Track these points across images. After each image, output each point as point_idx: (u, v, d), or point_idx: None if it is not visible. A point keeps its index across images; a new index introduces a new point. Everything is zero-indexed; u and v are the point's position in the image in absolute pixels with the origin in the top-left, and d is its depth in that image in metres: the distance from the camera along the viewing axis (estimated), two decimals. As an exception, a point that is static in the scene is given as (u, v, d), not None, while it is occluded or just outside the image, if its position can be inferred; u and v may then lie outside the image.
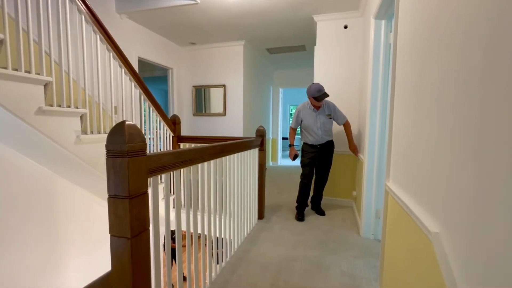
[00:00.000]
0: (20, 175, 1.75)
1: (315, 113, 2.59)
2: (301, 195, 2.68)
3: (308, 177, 2.65)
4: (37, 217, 1.84)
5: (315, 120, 2.58)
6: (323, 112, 2.59)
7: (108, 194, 0.83)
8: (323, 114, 2.59)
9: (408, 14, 1.16)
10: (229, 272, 1.70)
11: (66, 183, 2.02)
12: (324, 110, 2.60)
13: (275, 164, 6.32)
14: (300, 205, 2.68)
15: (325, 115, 2.59)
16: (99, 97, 1.95)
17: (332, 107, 2.64)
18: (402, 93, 1.21)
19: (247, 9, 2.97)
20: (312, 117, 2.59)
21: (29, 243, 1.80)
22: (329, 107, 2.62)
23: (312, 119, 2.59)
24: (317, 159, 2.65)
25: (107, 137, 0.81)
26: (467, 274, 0.61)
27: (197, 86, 4.40)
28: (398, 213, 1.17)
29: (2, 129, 1.55)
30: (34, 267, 1.83)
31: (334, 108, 2.64)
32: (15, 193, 1.72)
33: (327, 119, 2.58)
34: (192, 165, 1.28)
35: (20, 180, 1.75)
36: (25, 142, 1.65)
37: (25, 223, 1.78)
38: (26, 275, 1.79)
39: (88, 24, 1.84)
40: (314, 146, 2.62)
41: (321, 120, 2.57)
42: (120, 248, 0.83)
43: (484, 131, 0.56)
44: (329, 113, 2.60)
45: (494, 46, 0.53)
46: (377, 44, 2.08)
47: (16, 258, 1.74)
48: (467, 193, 0.62)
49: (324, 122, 2.58)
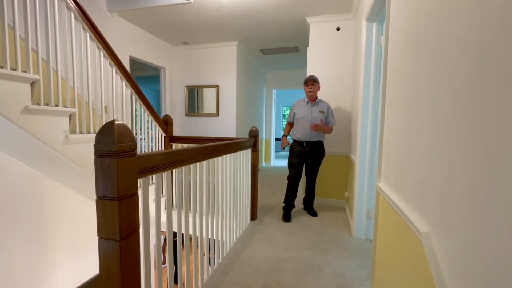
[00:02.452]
0: (6, 176, 1.69)
1: (309, 105, 2.62)
2: (287, 196, 2.68)
3: (294, 178, 2.65)
4: (24, 219, 1.78)
5: (307, 113, 2.60)
6: (317, 107, 2.61)
7: (96, 195, 0.81)
8: (316, 109, 2.60)
9: (399, 17, 1.18)
10: (221, 274, 1.69)
11: (54, 184, 1.96)
12: (319, 105, 2.62)
13: (268, 165, 6.32)
14: (287, 206, 2.68)
15: (319, 111, 2.60)
16: (88, 96, 1.91)
17: (327, 106, 2.65)
18: (393, 95, 1.22)
19: (241, 9, 2.97)
20: (305, 109, 2.62)
21: (16, 246, 1.74)
22: (324, 105, 2.64)
23: (305, 110, 2.62)
24: (306, 159, 2.65)
25: (95, 137, 0.79)
26: (456, 274, 0.62)
27: (190, 86, 4.36)
28: (389, 214, 1.18)
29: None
30: (21, 271, 1.77)
31: (328, 107, 2.65)
32: (1, 195, 1.67)
33: (319, 114, 2.59)
34: (184, 165, 1.27)
35: (6, 182, 1.69)
36: (11, 142, 1.60)
37: (12, 225, 1.72)
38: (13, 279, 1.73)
39: (77, 21, 1.80)
40: (302, 144, 2.61)
41: (313, 114, 2.58)
42: (108, 251, 0.81)
43: (472, 132, 0.56)
44: (323, 110, 2.61)
45: (484, 49, 0.54)
46: (369, 46, 2.10)
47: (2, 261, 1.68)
48: (456, 193, 0.63)
49: (316, 117, 2.58)
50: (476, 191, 0.55)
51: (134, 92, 2.34)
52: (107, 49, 2.01)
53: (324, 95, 3.01)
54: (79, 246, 2.14)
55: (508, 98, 0.46)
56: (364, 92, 2.13)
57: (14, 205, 1.73)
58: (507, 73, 0.46)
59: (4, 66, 1.38)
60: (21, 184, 1.77)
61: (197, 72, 4.32)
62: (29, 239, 1.82)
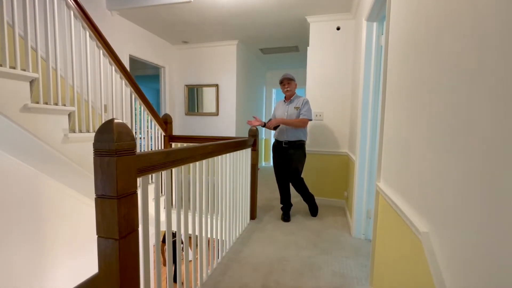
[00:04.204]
0: (5, 175, 1.69)
1: (286, 104, 2.61)
2: (281, 196, 2.72)
3: (280, 177, 2.67)
4: (23, 218, 1.78)
5: (283, 112, 2.59)
6: (292, 105, 2.56)
7: (95, 194, 0.81)
8: (291, 106, 2.55)
9: (399, 16, 1.18)
10: (220, 273, 1.69)
11: (53, 183, 1.96)
12: (294, 102, 2.56)
13: (267, 164, 6.32)
14: (284, 206, 2.69)
15: (294, 107, 2.53)
16: (88, 95, 1.90)
17: (303, 101, 2.52)
18: (393, 95, 1.22)
19: (241, 8, 2.96)
20: (282, 109, 2.61)
21: (15, 245, 1.74)
22: (299, 101, 2.54)
23: (281, 110, 2.61)
24: (287, 159, 2.57)
25: (94, 135, 0.79)
26: (455, 274, 0.62)
27: (189, 85, 4.36)
28: (388, 213, 1.18)
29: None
30: (20, 270, 1.77)
31: (304, 102, 2.51)
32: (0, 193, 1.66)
33: (294, 111, 2.52)
34: (183, 164, 1.27)
35: (6, 180, 1.69)
36: (10, 140, 1.59)
37: (11, 224, 1.72)
38: (12, 277, 1.73)
39: (77, 19, 1.79)
40: (280, 143, 2.60)
41: (288, 112, 2.55)
42: (107, 250, 0.81)
43: (472, 132, 0.56)
44: (298, 106, 2.51)
45: (486, 48, 0.54)
46: (369, 46, 2.10)
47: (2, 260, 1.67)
48: (456, 193, 0.63)
49: (291, 114, 2.53)
50: (476, 191, 0.55)
51: (133, 91, 2.34)
52: (107, 47, 2.01)
53: (324, 94, 3.01)
54: (79, 245, 2.14)
55: (509, 98, 0.45)
56: (364, 91, 2.13)
57: (13, 203, 1.73)
58: (508, 72, 0.46)
59: (3, 64, 1.38)
60: (20, 183, 1.77)
61: (197, 71, 4.31)
62: (28, 238, 1.82)
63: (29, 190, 1.82)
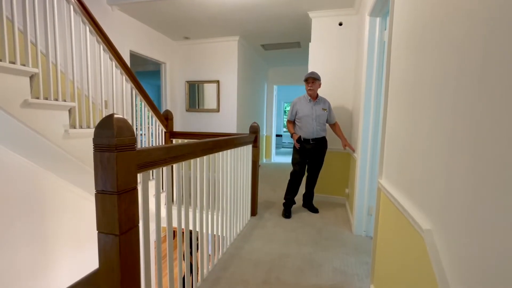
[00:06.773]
0: (6, 170, 1.69)
1: (311, 103, 2.60)
2: (289, 193, 2.68)
3: (298, 174, 2.65)
4: (24, 213, 1.78)
5: (311, 111, 2.58)
6: (319, 105, 2.61)
7: (95, 189, 0.80)
8: (318, 106, 2.60)
9: (403, 11, 1.16)
10: (221, 269, 1.69)
11: (54, 178, 1.96)
12: (320, 103, 2.62)
13: (268, 161, 6.31)
14: (288, 202, 2.68)
15: (321, 108, 2.60)
16: (88, 90, 1.89)
17: (328, 104, 2.68)
18: (395, 91, 1.21)
19: (242, 3, 2.93)
20: (308, 108, 2.60)
21: (16, 240, 1.75)
22: (325, 103, 2.66)
23: (308, 109, 2.60)
24: (309, 156, 2.64)
25: (94, 131, 0.78)
26: (458, 271, 0.61)
27: (190, 82, 4.34)
28: (390, 210, 1.18)
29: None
30: (22, 265, 1.78)
31: (329, 105, 2.68)
32: (1, 189, 1.66)
33: (322, 112, 2.60)
34: (184, 160, 1.26)
35: (7, 176, 1.69)
36: (11, 136, 1.59)
37: (12, 220, 1.72)
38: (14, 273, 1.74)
39: (77, 14, 1.78)
40: (307, 141, 2.61)
41: (316, 112, 2.58)
42: (108, 245, 0.81)
43: (477, 129, 0.55)
44: (325, 108, 2.62)
45: (491, 45, 0.52)
46: (372, 42, 2.08)
47: (2, 257, 1.68)
48: (459, 190, 0.62)
49: (319, 115, 2.58)
50: (478, 188, 0.54)
51: (134, 87, 2.33)
52: (107, 43, 1.99)
53: (326, 91, 2.99)
54: (80, 241, 2.15)
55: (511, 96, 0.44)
56: (367, 87, 2.11)
57: (14, 199, 1.73)
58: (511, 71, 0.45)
59: (3, 59, 1.37)
60: (21, 179, 1.77)
61: (198, 67, 4.29)
62: (30, 233, 1.82)
63: (30, 186, 1.82)
